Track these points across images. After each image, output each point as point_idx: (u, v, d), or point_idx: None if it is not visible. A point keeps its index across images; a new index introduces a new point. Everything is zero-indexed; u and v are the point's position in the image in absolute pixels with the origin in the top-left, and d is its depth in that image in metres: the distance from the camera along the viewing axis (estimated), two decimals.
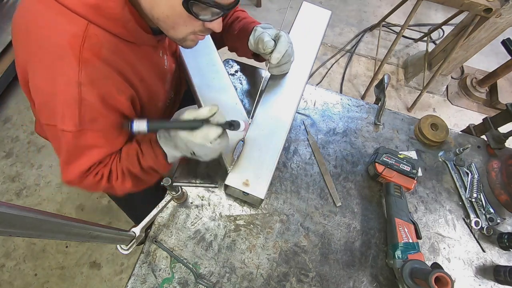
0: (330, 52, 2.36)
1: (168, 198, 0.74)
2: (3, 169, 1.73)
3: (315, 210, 0.85)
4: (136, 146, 0.69)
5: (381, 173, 0.85)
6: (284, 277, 0.77)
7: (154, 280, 0.73)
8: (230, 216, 0.82)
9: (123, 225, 1.64)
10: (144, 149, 0.68)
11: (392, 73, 2.33)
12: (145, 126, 0.57)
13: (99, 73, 0.57)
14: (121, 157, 0.69)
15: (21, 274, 1.51)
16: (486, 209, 0.88)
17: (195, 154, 0.65)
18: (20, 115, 1.88)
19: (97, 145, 0.64)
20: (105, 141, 0.65)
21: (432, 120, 0.97)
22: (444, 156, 0.96)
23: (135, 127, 0.57)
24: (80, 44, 0.53)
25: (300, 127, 0.96)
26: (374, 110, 1.01)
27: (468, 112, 2.24)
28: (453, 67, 2.09)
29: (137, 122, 0.57)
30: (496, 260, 0.84)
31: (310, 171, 0.90)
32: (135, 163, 0.68)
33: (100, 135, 0.63)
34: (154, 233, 0.78)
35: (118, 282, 1.52)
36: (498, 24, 1.68)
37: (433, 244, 0.85)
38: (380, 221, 0.85)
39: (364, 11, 2.60)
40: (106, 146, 0.65)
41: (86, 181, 0.67)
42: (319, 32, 0.93)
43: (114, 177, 0.69)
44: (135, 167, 0.69)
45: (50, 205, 1.67)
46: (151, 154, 0.68)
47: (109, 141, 0.66)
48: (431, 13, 2.66)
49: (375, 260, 0.81)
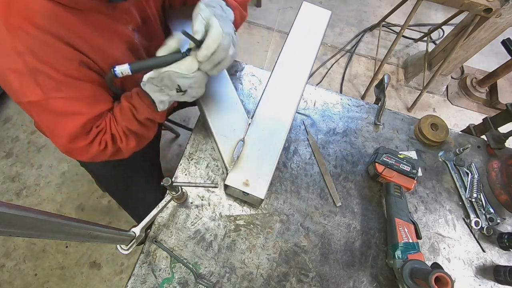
0: (330, 52, 2.36)
1: (168, 198, 0.74)
2: (3, 169, 1.73)
3: (315, 210, 0.85)
4: (127, 104, 0.69)
5: (381, 173, 0.85)
6: (284, 277, 0.77)
7: (154, 280, 0.73)
8: (230, 216, 0.82)
9: (123, 225, 1.64)
10: (134, 103, 0.69)
11: (392, 73, 2.33)
12: (127, 68, 0.58)
13: (37, 41, 0.55)
14: (117, 119, 0.70)
15: (21, 274, 1.51)
16: (486, 209, 0.88)
17: (181, 89, 0.64)
18: (20, 115, 1.88)
19: (75, 112, 0.63)
20: (81, 107, 0.64)
21: (432, 120, 0.97)
22: (444, 156, 0.96)
23: (118, 71, 0.58)
24: (4, 12, 0.52)
25: (300, 127, 0.96)
26: (374, 110, 1.01)
27: (468, 112, 2.24)
28: (453, 67, 2.09)
29: (119, 67, 0.58)
30: (496, 260, 0.84)
31: (310, 171, 0.90)
32: (131, 120, 0.69)
33: (72, 102, 0.62)
34: (154, 233, 0.78)
35: (118, 282, 1.52)
36: (498, 24, 1.68)
37: (433, 244, 0.85)
38: (380, 221, 0.85)
39: (364, 11, 2.60)
40: (85, 112, 0.65)
41: (91, 151, 0.67)
42: (319, 32, 0.93)
43: (118, 140, 0.70)
44: (133, 124, 0.69)
45: (50, 205, 1.67)
46: (143, 105, 0.68)
47: (86, 106, 0.65)
48: (431, 13, 2.66)
49: (375, 260, 0.81)
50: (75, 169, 1.76)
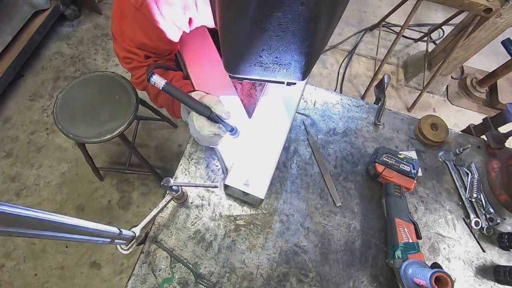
0: (330, 52, 2.36)
1: (168, 198, 0.74)
2: (3, 169, 1.73)
3: (315, 210, 0.85)
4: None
5: (381, 173, 0.84)
6: (284, 277, 0.77)
7: (154, 280, 0.73)
8: (230, 216, 0.82)
9: (123, 225, 1.64)
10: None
11: (392, 73, 2.33)
12: (161, 85, 0.62)
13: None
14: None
15: (21, 274, 1.51)
16: (486, 209, 0.88)
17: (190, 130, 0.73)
18: (20, 115, 1.88)
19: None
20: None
21: (432, 120, 0.96)
22: (444, 156, 0.96)
23: (153, 79, 0.61)
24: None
25: (300, 127, 0.96)
26: (374, 110, 1.01)
27: (468, 112, 2.24)
28: (453, 67, 2.08)
29: (157, 78, 0.61)
30: (496, 260, 0.84)
31: (310, 171, 0.90)
32: (158, 96, 0.83)
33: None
34: (154, 233, 0.78)
35: (118, 282, 1.52)
36: (498, 24, 1.68)
37: (433, 244, 0.85)
38: (380, 221, 0.85)
39: (364, 11, 2.60)
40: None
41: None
42: None
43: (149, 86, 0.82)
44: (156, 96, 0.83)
45: (50, 205, 1.67)
46: (169, 99, 0.81)
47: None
48: (431, 13, 2.66)
49: (375, 260, 0.81)
50: (75, 169, 1.76)
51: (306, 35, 0.48)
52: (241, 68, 0.59)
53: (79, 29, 2.23)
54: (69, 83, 1.28)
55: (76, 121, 1.22)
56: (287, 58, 0.54)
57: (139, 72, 0.80)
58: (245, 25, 0.47)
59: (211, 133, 0.69)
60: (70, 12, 2.16)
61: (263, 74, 0.60)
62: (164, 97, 0.82)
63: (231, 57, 0.59)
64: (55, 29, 2.20)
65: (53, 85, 2.00)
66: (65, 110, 1.23)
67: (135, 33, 0.71)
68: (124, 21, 0.71)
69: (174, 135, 1.93)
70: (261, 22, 0.46)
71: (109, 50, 2.18)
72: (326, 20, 0.47)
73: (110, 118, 1.24)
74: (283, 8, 0.43)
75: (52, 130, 1.86)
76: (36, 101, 1.94)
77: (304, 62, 0.56)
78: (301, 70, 0.58)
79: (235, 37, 0.52)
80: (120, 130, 1.22)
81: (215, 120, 0.67)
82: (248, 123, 0.82)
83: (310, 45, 0.51)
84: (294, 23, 0.45)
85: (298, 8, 0.42)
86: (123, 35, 0.73)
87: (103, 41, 2.20)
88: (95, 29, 2.25)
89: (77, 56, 2.13)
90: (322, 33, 0.50)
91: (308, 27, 0.46)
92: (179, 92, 0.64)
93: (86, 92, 1.28)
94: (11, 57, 1.80)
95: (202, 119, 0.68)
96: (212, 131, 0.68)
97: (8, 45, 1.79)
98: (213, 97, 0.69)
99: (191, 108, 0.66)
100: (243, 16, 0.46)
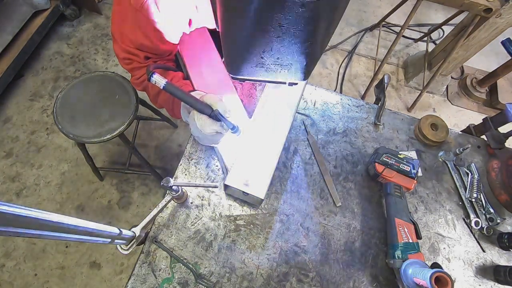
0: (330, 52, 2.36)
1: (168, 198, 0.74)
2: (3, 169, 1.73)
3: (315, 210, 0.85)
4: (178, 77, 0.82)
5: (381, 173, 0.84)
6: (284, 277, 0.77)
7: (154, 280, 0.73)
8: (230, 216, 0.82)
9: (123, 225, 1.64)
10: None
11: (392, 73, 2.33)
12: (162, 84, 0.61)
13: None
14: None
15: (21, 274, 1.51)
16: (486, 209, 0.88)
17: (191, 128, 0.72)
18: (20, 115, 1.88)
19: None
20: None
21: (432, 120, 0.96)
22: (444, 156, 0.96)
23: (153, 78, 0.61)
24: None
25: (300, 127, 0.96)
26: (374, 110, 1.01)
27: (468, 112, 2.24)
28: (453, 67, 2.08)
29: (157, 77, 0.61)
30: (496, 260, 0.84)
31: (310, 171, 0.90)
32: (158, 94, 0.82)
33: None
34: (154, 233, 0.78)
35: (118, 282, 1.52)
36: (498, 24, 1.68)
37: (433, 244, 0.85)
38: (380, 221, 0.85)
39: (364, 11, 2.60)
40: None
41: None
42: None
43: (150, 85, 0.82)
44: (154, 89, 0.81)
45: (50, 205, 1.67)
46: (170, 99, 0.80)
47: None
48: (431, 13, 2.66)
49: (375, 260, 0.81)
50: (75, 169, 1.76)
51: (307, 36, 0.48)
52: (243, 70, 0.59)
53: (79, 29, 2.23)
54: (69, 83, 1.28)
55: (76, 121, 1.22)
56: (288, 59, 0.54)
57: (139, 73, 0.80)
58: (246, 27, 0.47)
59: (213, 131, 0.69)
60: (70, 12, 2.17)
61: (264, 75, 0.61)
62: (164, 97, 0.82)
63: (233, 59, 0.59)
64: (55, 29, 2.20)
65: (53, 85, 2.00)
66: (65, 110, 1.23)
67: (135, 34, 0.71)
68: (124, 22, 0.71)
69: (174, 135, 1.93)
70: (262, 24, 0.46)
71: (109, 50, 2.18)
72: (326, 21, 0.47)
73: (110, 118, 1.24)
74: (284, 10, 0.43)
75: (52, 130, 1.86)
76: (36, 101, 1.94)
77: (305, 62, 0.56)
78: (302, 70, 0.58)
79: (236, 38, 0.52)
80: (120, 130, 1.22)
81: (216, 118, 0.67)
82: (248, 123, 0.82)
83: (311, 46, 0.51)
84: (294, 25, 0.45)
85: (298, 9, 0.42)
86: (123, 36, 0.73)
87: (103, 41, 2.20)
88: (95, 29, 2.25)
89: (77, 56, 2.13)
90: (323, 34, 0.50)
91: (309, 28, 0.47)
92: (180, 91, 0.64)
93: (86, 92, 1.28)
94: (11, 57, 1.80)
95: (203, 117, 0.68)
96: (214, 129, 0.69)
97: (8, 45, 1.80)
98: (214, 96, 0.69)
99: (193, 106, 0.66)
100: (244, 18, 0.46)
